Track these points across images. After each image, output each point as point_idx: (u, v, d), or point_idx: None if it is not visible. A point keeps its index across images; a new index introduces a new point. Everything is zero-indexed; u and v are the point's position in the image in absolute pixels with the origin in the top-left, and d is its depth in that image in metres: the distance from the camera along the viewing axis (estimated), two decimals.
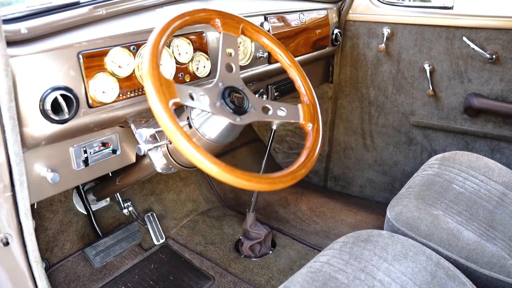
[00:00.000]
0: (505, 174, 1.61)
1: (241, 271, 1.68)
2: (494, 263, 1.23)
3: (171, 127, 0.85)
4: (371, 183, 2.29)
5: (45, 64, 0.97)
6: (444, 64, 1.89)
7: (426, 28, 1.90)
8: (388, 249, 1.17)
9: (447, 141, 2.01)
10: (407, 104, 2.05)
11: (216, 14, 1.08)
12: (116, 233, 1.67)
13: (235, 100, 1.03)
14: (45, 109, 0.98)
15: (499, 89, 1.81)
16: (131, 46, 1.12)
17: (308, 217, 2.06)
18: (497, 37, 1.76)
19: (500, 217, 1.43)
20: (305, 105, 1.15)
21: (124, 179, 1.55)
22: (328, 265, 1.13)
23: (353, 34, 2.06)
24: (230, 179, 0.87)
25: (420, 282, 1.09)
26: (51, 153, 1.13)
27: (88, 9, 1.11)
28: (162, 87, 0.87)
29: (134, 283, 1.60)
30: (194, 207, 2.00)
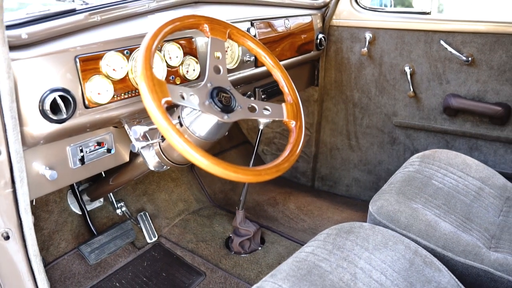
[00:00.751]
0: (482, 170, 1.69)
1: (231, 266, 1.74)
2: (469, 251, 1.31)
3: (164, 123, 0.91)
4: (357, 182, 2.37)
5: (44, 67, 1.04)
6: (424, 67, 1.99)
7: (406, 32, 1.99)
8: (369, 239, 1.24)
9: (428, 140, 2.09)
10: (389, 105, 2.14)
11: (205, 20, 1.16)
12: (110, 231, 1.72)
13: (222, 100, 1.10)
14: (45, 109, 1.04)
15: (475, 90, 1.91)
16: (124, 51, 1.18)
17: (296, 215, 2.13)
18: (472, 40, 1.85)
19: (477, 210, 1.52)
20: (288, 104, 1.23)
21: (117, 178, 1.61)
22: (312, 255, 1.19)
23: (337, 38, 2.15)
24: (218, 171, 0.94)
25: (399, 269, 1.16)
26: (49, 152, 1.19)
27: (84, 16, 1.18)
28: (155, 87, 0.94)
29: (128, 280, 1.66)
30: (185, 206, 2.06)
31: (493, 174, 1.69)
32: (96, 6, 1.24)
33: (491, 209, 1.54)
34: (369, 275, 1.13)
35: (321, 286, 1.07)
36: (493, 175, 1.69)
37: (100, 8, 1.24)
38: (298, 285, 1.06)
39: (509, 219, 1.51)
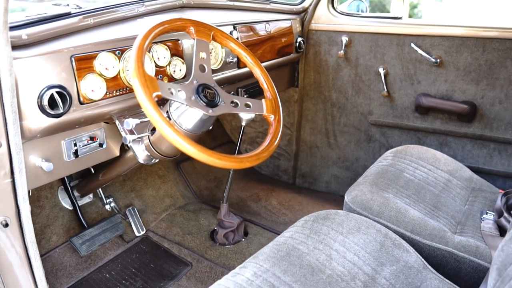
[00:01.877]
0: (450, 163, 1.83)
1: (217, 256, 1.83)
2: (435, 235, 1.43)
3: (155, 115, 1.01)
4: (336, 178, 2.49)
5: (43, 66, 1.12)
6: (396, 68, 2.12)
7: (379, 36, 2.12)
8: (344, 225, 1.35)
9: (402, 137, 2.22)
10: (365, 105, 2.26)
11: (191, 23, 1.26)
12: (100, 224, 1.80)
13: (207, 95, 1.20)
14: (43, 105, 1.13)
15: (444, 89, 2.04)
16: (116, 51, 1.28)
17: (277, 210, 2.23)
18: (440, 43, 1.99)
19: (445, 200, 1.64)
20: (267, 99, 1.34)
21: (107, 174, 1.70)
22: (291, 239, 1.30)
23: (315, 42, 2.27)
24: (204, 157, 1.04)
25: (370, 250, 1.27)
26: (45, 146, 1.27)
27: (78, 19, 1.27)
28: (147, 83, 1.04)
29: (118, 271, 1.74)
30: (172, 202, 2.15)
31: (460, 167, 1.82)
32: (89, 10, 1.34)
33: (458, 199, 1.67)
34: (343, 256, 1.23)
35: (299, 265, 1.17)
36: (460, 168, 1.82)
37: (93, 12, 1.33)
38: (278, 265, 1.16)
39: (474, 207, 1.63)
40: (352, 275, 1.19)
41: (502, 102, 1.95)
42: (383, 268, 1.23)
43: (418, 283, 1.23)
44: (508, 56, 1.89)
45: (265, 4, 2.08)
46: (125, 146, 1.54)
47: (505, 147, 2.01)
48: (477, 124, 2.03)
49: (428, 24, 2.04)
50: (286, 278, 1.13)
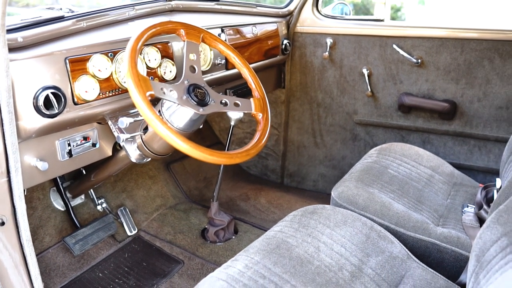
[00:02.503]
0: (432, 159, 1.90)
1: (208, 254, 1.87)
2: (418, 227, 1.49)
3: (149, 113, 1.05)
4: (323, 177, 2.55)
5: (38, 67, 1.16)
6: (379, 68, 2.19)
7: (362, 37, 2.19)
8: (331, 218, 1.40)
9: (386, 136, 2.29)
10: (350, 105, 2.33)
11: (181, 25, 1.31)
12: (93, 224, 1.83)
13: (198, 95, 1.25)
14: (38, 105, 1.16)
15: (425, 88, 2.12)
16: (109, 53, 1.32)
17: (266, 208, 2.28)
18: (421, 44, 2.06)
19: (428, 194, 1.71)
20: (256, 98, 1.39)
21: (99, 174, 1.73)
22: (281, 232, 1.34)
23: (300, 44, 2.33)
24: (196, 153, 1.08)
25: (356, 242, 1.32)
26: (39, 146, 1.30)
27: (71, 22, 1.30)
28: (140, 82, 1.08)
29: (110, 270, 1.77)
30: (162, 202, 2.18)
31: (442, 163, 1.89)
32: (82, 14, 1.38)
33: (440, 193, 1.73)
34: (330, 247, 1.28)
35: (289, 257, 1.22)
36: (442, 164, 1.89)
37: (86, 16, 1.37)
38: (268, 257, 1.21)
39: (456, 201, 1.70)
40: (340, 265, 1.24)
41: (480, 100, 2.03)
42: (369, 259, 1.29)
43: (403, 272, 1.29)
44: (485, 56, 1.97)
45: (251, 8, 2.13)
46: (117, 146, 1.57)
47: (484, 144, 2.09)
48: (457, 121, 2.11)
49: (409, 26, 2.11)
50: (276, 269, 1.17)
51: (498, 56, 1.95)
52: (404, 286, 1.25)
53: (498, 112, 2.01)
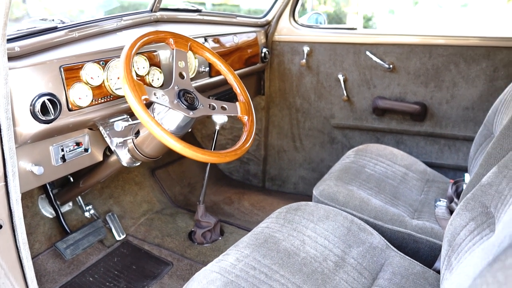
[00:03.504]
0: (406, 158, 2.01)
1: (196, 255, 1.93)
2: (395, 219, 1.59)
3: (145, 116, 1.12)
4: (303, 179, 2.64)
5: (34, 75, 1.22)
6: (354, 74, 2.31)
7: (337, 45, 2.31)
8: (314, 214, 1.49)
9: (362, 138, 2.41)
10: (327, 109, 2.44)
11: (170, 35, 1.39)
12: (83, 229, 1.86)
13: (188, 99, 1.32)
14: (35, 111, 1.22)
15: (397, 92, 2.25)
16: (100, 62, 1.38)
17: (250, 211, 2.36)
18: (392, 50, 2.19)
19: (403, 190, 1.82)
20: (241, 102, 1.47)
21: (88, 180, 1.77)
22: (267, 228, 1.42)
23: (279, 52, 2.44)
24: (190, 153, 1.16)
25: (339, 235, 1.41)
26: (34, 151, 1.35)
27: (64, 32, 1.37)
28: (135, 87, 1.15)
29: (101, 274, 1.81)
30: (149, 207, 2.23)
31: (415, 162, 2.02)
32: (74, 24, 1.44)
33: (414, 189, 1.85)
34: (315, 240, 1.37)
35: (276, 250, 1.30)
36: (415, 162, 2.01)
37: (77, 26, 1.43)
38: (257, 251, 1.29)
39: (429, 196, 1.82)
40: (324, 256, 1.32)
41: (448, 102, 2.17)
42: (351, 250, 1.38)
43: (382, 261, 1.38)
44: (451, 61, 2.11)
45: (232, 18, 2.23)
46: (107, 151, 1.63)
47: (453, 143, 2.23)
48: (428, 122, 2.24)
49: (380, 34, 2.24)
50: (265, 261, 1.25)
51: (463, 60, 2.09)
52: (384, 273, 1.34)
53: (465, 112, 2.15)
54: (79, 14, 7.74)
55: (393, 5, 7.84)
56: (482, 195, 1.15)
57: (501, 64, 2.03)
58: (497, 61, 2.03)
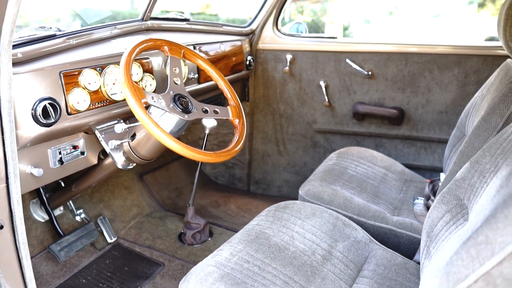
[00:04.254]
0: (386, 160, 2.12)
1: (187, 255, 1.99)
2: (377, 216, 1.69)
3: (145, 118, 1.19)
4: (287, 182, 2.73)
5: (36, 81, 1.27)
6: (335, 81, 2.42)
7: (319, 53, 2.42)
8: (301, 212, 1.57)
9: (343, 142, 2.51)
10: (309, 115, 2.54)
11: (165, 42, 1.46)
12: (76, 232, 1.90)
13: (182, 103, 1.40)
14: (37, 115, 1.27)
15: (376, 97, 2.37)
16: (97, 68, 1.44)
17: (236, 213, 2.43)
18: (371, 58, 2.31)
19: (383, 190, 1.92)
20: (232, 106, 1.55)
21: (80, 184, 1.82)
22: (258, 225, 1.50)
23: (263, 60, 2.53)
24: (187, 153, 1.23)
25: (325, 230, 1.50)
26: (33, 154, 1.40)
27: (62, 40, 1.43)
28: (136, 91, 1.22)
29: (93, 276, 1.84)
30: (139, 211, 2.28)
31: (394, 163, 2.13)
32: (71, 32, 1.50)
33: (394, 189, 1.95)
34: (303, 236, 1.45)
35: (268, 245, 1.38)
36: (394, 163, 2.12)
37: (74, 34, 1.49)
38: (250, 246, 1.36)
39: (407, 195, 1.93)
40: (312, 250, 1.41)
41: (424, 106, 2.30)
42: (337, 244, 1.46)
43: (366, 254, 1.48)
44: (426, 68, 2.24)
45: (218, 27, 2.31)
46: (101, 155, 1.68)
47: (429, 145, 2.35)
48: (405, 126, 2.36)
49: (359, 42, 2.37)
50: (258, 255, 1.32)
51: (437, 67, 2.22)
52: (368, 265, 1.43)
53: (439, 116, 2.28)
54: (55, 23, 7.73)
55: (369, 15, 8.08)
56: (456, 189, 1.25)
57: (471, 71, 2.17)
58: (467, 68, 2.17)
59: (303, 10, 8.43)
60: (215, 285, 1.17)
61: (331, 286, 1.31)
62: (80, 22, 3.35)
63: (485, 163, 1.16)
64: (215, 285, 1.17)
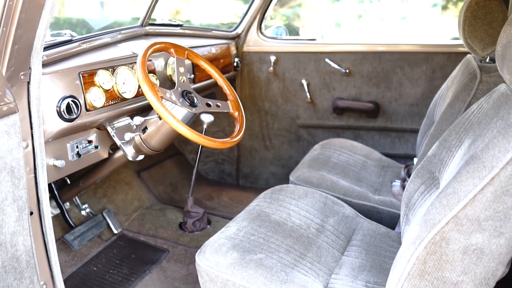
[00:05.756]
0: (365, 149, 2.35)
1: (188, 241, 2.16)
2: (361, 195, 1.90)
3: (162, 109, 1.37)
4: (274, 175, 2.93)
5: (59, 80, 1.43)
6: (316, 79, 2.63)
7: (300, 54, 2.64)
8: (295, 193, 1.77)
9: (325, 135, 2.73)
10: (293, 111, 2.75)
11: (171, 45, 1.65)
12: (86, 223, 2.04)
13: (190, 98, 1.58)
14: (61, 111, 1.42)
15: (353, 93, 2.59)
16: (109, 69, 1.61)
17: (230, 204, 2.61)
18: (347, 57, 2.54)
19: (364, 175, 2.14)
20: (231, 101, 1.75)
21: (88, 179, 1.97)
22: (258, 206, 1.69)
23: (248, 61, 2.73)
24: (198, 139, 1.42)
25: (317, 208, 1.70)
26: (55, 148, 1.55)
27: (77, 44, 1.59)
28: (153, 87, 1.40)
29: (103, 264, 1.99)
30: (139, 204, 2.44)
31: (372, 151, 2.35)
32: (83, 37, 1.67)
33: (373, 174, 2.18)
34: (298, 213, 1.65)
35: (268, 221, 1.57)
36: (372, 152, 2.35)
37: (86, 39, 1.66)
38: (253, 222, 1.55)
39: (386, 179, 2.15)
40: (307, 225, 1.60)
41: (397, 100, 2.54)
42: (328, 219, 1.66)
43: (354, 226, 1.68)
44: (397, 65, 2.48)
45: (208, 32, 2.50)
46: (110, 150, 1.84)
47: (403, 135, 2.60)
48: (381, 118, 2.60)
49: (337, 43, 2.60)
50: (261, 230, 1.51)
51: (407, 64, 2.47)
52: (356, 235, 1.64)
53: (411, 108, 2.53)
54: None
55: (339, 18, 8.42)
56: (428, 164, 1.47)
57: (438, 66, 2.42)
58: (434, 64, 2.43)
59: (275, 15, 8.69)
60: (229, 252, 1.35)
61: (326, 253, 1.50)
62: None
63: (451, 140, 1.38)
64: (228, 253, 1.35)
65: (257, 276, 1.27)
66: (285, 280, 1.28)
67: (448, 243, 0.99)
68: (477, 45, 1.69)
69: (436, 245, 1.00)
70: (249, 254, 1.36)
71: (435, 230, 1.00)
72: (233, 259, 1.33)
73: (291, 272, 1.33)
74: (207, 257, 1.37)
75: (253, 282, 1.26)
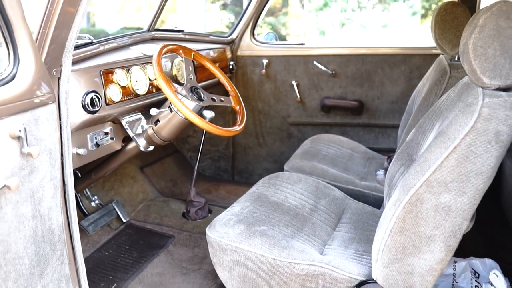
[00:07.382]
0: (351, 143, 2.57)
1: (192, 228, 2.35)
2: (349, 181, 2.12)
3: (177, 101, 1.57)
4: (267, 171, 3.14)
5: (83, 77, 1.62)
6: (305, 80, 2.86)
7: (290, 57, 2.86)
8: (290, 179, 1.98)
9: (314, 131, 2.95)
10: (284, 110, 2.97)
11: (180, 47, 1.85)
12: (98, 211, 2.22)
13: (197, 93, 1.79)
14: (86, 104, 1.61)
15: (340, 92, 2.83)
16: (125, 68, 1.81)
17: (227, 196, 2.81)
18: (333, 60, 2.78)
19: (351, 165, 2.36)
20: (233, 96, 1.96)
21: (100, 171, 2.14)
22: (258, 190, 1.89)
23: (242, 64, 2.95)
24: (207, 126, 1.62)
25: (310, 191, 1.91)
26: (77, 138, 1.73)
27: (96, 46, 1.78)
28: (168, 82, 1.60)
29: (114, 249, 2.16)
30: (144, 196, 2.62)
31: (358, 145, 2.58)
32: (100, 40, 1.86)
33: (360, 165, 2.40)
34: (293, 195, 1.85)
35: (268, 202, 1.77)
36: (358, 145, 2.58)
37: (103, 42, 1.85)
38: (255, 203, 1.75)
39: (371, 169, 2.37)
40: (302, 205, 1.81)
41: (379, 98, 2.78)
42: (320, 200, 1.87)
43: (343, 207, 1.89)
44: (379, 66, 2.72)
45: (206, 37, 2.72)
46: (122, 143, 2.03)
47: (385, 130, 2.83)
48: (365, 115, 2.84)
49: (324, 47, 2.83)
50: (262, 208, 1.71)
51: (387, 66, 2.71)
52: (346, 214, 1.85)
53: (392, 106, 2.77)
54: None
55: (323, 26, 8.74)
56: (407, 148, 1.69)
57: (415, 67, 2.67)
58: (412, 65, 2.68)
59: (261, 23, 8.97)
60: (236, 225, 1.55)
61: (319, 229, 1.71)
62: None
63: (426, 125, 1.60)
64: (236, 225, 1.55)
65: (262, 243, 1.47)
66: (286, 246, 1.48)
67: (422, 202, 1.21)
68: (446, 45, 1.94)
69: (413, 205, 1.22)
70: (254, 226, 1.56)
71: (411, 192, 1.22)
72: (240, 230, 1.53)
73: (291, 241, 1.53)
74: (217, 229, 1.56)
75: (259, 247, 1.46)
